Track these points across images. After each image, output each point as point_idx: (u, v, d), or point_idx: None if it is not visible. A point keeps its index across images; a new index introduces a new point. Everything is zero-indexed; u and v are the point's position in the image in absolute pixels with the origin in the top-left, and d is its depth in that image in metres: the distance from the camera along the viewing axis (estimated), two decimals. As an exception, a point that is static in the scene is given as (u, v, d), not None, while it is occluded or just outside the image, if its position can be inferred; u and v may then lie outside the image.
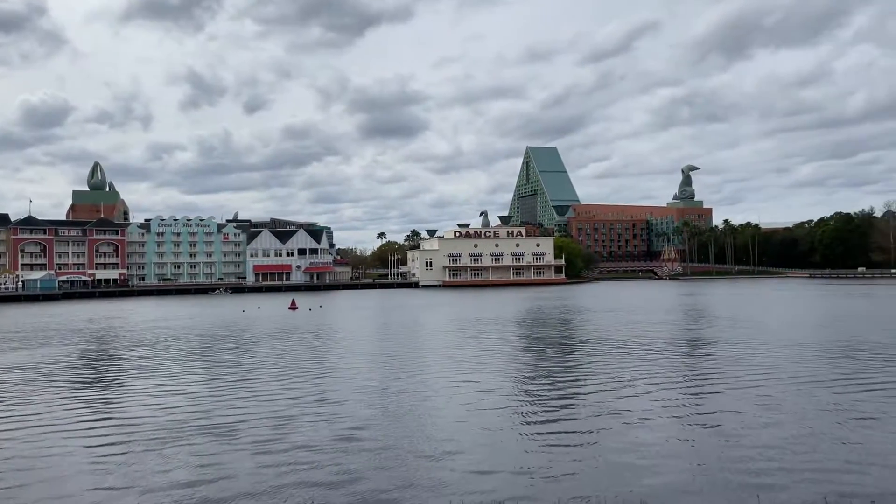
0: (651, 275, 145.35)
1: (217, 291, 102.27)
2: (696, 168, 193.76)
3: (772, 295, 64.79)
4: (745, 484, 8.81)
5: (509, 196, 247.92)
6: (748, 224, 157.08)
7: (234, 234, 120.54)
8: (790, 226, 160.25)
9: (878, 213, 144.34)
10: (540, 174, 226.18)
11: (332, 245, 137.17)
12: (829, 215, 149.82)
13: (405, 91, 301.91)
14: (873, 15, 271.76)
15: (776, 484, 8.79)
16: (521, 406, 14.28)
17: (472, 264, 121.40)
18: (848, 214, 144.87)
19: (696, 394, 15.24)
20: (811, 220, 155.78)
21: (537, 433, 11.83)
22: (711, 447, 10.67)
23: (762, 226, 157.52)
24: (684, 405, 14.06)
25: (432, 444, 11.15)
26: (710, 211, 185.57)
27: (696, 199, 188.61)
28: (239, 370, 20.39)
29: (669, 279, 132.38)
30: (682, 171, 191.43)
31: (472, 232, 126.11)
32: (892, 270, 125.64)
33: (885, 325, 30.98)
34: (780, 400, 14.23)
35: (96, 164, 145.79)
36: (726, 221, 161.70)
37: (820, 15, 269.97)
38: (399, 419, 13.11)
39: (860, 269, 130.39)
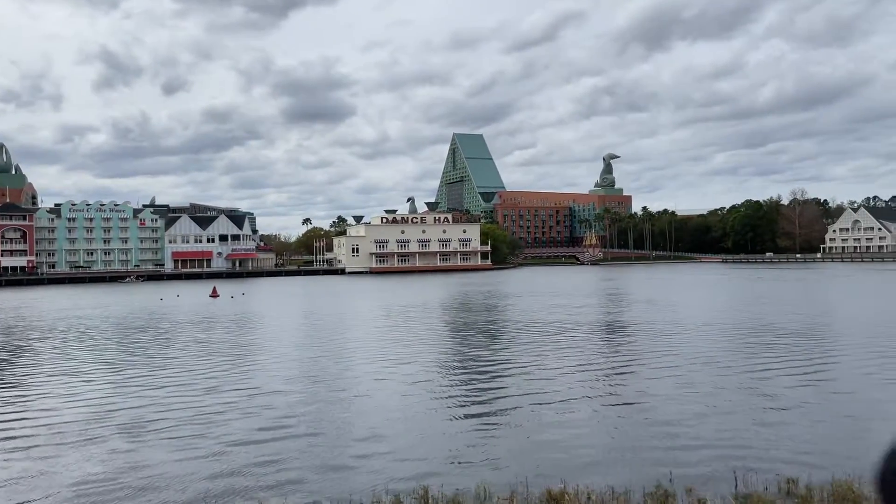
0: (574, 260, 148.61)
1: (128, 279, 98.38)
2: (617, 156, 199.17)
3: (687, 279, 67.18)
4: (659, 460, 9.14)
5: (436, 183, 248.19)
6: (665, 211, 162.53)
7: (152, 220, 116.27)
8: (704, 213, 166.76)
9: (785, 201, 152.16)
10: (466, 161, 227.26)
11: (255, 231, 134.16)
12: (739, 203, 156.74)
13: (331, 75, 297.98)
14: (783, 11, 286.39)
15: (689, 460, 9.14)
16: (448, 392, 14.30)
17: (399, 251, 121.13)
18: (757, 202, 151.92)
19: (616, 375, 15.66)
20: (723, 208, 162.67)
21: (463, 419, 11.89)
22: (629, 426, 11.02)
23: (678, 213, 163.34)
24: (605, 386, 14.41)
25: (360, 434, 11.04)
26: (629, 198, 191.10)
27: (616, 186, 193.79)
28: (158, 362, 19.63)
29: (591, 264, 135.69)
30: (604, 160, 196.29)
31: (398, 218, 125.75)
32: (797, 255, 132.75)
33: (794, 308, 32.53)
34: (696, 381, 14.69)
35: (1, 146, 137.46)
36: (645, 208, 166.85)
37: (735, 9, 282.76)
38: (325, 409, 12.93)
39: (768, 254, 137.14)
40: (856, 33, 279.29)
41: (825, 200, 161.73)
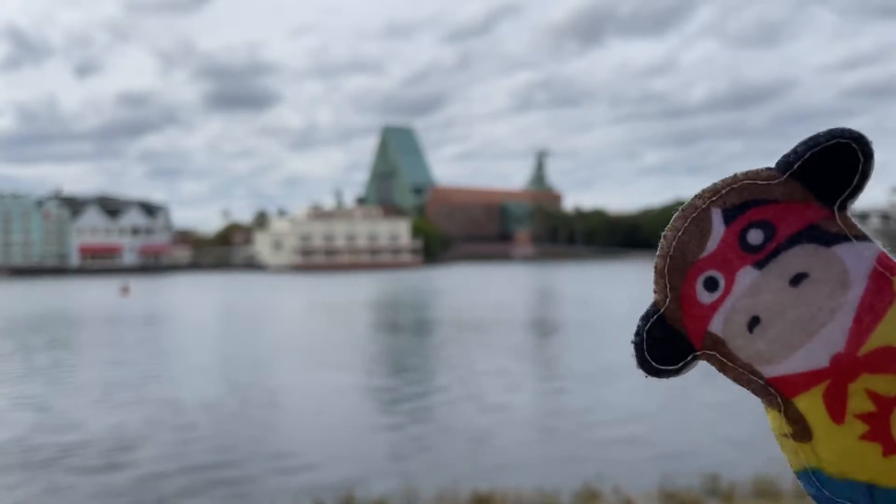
0: (506, 257, 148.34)
1: None
2: (550, 153, 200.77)
3: (617, 276, 68.30)
4: (588, 460, 9.04)
5: (365, 176, 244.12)
6: (597, 209, 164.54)
7: (57, 211, 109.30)
8: (636, 211, 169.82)
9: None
10: (397, 154, 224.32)
11: (170, 224, 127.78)
12: (670, 201, 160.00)
13: (256, 60, 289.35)
14: (715, 11, 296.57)
15: (616, 459, 9.07)
16: (373, 396, 13.81)
17: (326, 246, 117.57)
18: (685, 202, 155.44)
19: (546, 375, 15.45)
20: (653, 206, 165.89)
21: (390, 422, 11.50)
22: (558, 427, 10.93)
23: (611, 210, 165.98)
24: (534, 387, 14.07)
25: (280, 442, 10.41)
26: (562, 195, 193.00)
27: (549, 183, 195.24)
28: (57, 371, 17.15)
29: (523, 261, 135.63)
30: (537, 156, 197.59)
31: (325, 212, 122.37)
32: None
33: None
34: (626, 381, 14.03)
35: None
36: (577, 206, 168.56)
37: (669, 8, 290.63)
38: (243, 416, 12.00)
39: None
40: (783, 36, 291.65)
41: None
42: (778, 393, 0.44)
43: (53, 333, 24.23)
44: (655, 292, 0.47)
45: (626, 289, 41.34)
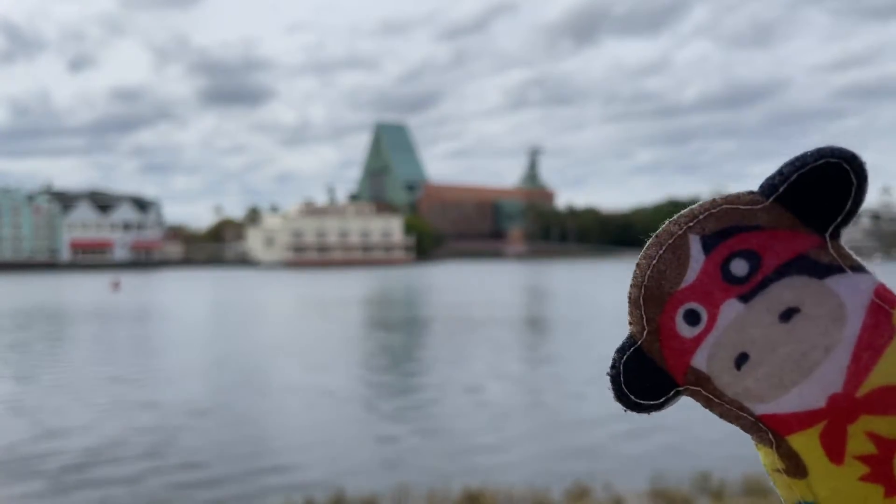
0: (498, 255, 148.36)
1: None
2: (544, 150, 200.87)
3: (609, 274, 68.44)
4: (578, 457, 9.05)
5: (358, 172, 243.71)
6: (590, 207, 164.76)
7: (48, 205, 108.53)
8: (628, 209, 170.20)
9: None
10: (390, 151, 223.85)
11: (162, 219, 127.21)
12: (662, 200, 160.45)
13: (251, 56, 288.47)
14: (709, 11, 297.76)
15: (606, 456, 9.11)
16: (363, 394, 13.62)
17: (318, 243, 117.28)
18: (677, 201, 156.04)
19: (536, 373, 15.42)
20: (646, 205, 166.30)
21: (380, 421, 11.40)
22: (548, 425, 10.88)
23: (603, 208, 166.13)
24: (525, 385, 14.01)
25: (270, 441, 10.28)
26: (555, 193, 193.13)
27: (542, 180, 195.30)
28: (39, 370, 16.55)
29: (515, 259, 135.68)
30: (530, 153, 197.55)
31: (318, 209, 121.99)
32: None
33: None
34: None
35: None
36: (569, 204, 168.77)
37: (663, 8, 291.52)
38: (233, 416, 11.75)
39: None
40: (776, 36, 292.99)
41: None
42: (769, 430, 0.42)
43: (40, 329, 23.89)
44: (631, 324, 0.45)
45: (618, 287, 42.25)
